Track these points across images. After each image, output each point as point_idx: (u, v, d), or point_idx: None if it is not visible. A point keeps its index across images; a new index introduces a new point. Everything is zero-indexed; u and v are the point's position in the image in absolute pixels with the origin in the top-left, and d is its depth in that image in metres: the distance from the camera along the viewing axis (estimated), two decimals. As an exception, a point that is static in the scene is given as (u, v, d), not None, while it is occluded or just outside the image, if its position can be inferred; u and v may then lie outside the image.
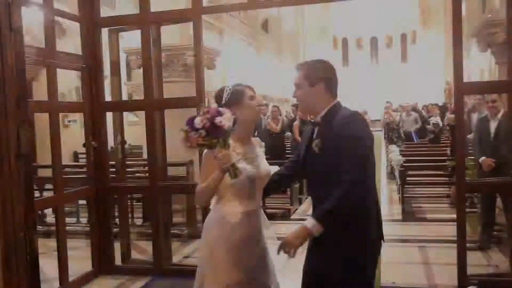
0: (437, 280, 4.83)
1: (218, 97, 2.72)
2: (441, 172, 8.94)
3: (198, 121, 2.35)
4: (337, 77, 2.67)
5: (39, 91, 9.01)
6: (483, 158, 5.53)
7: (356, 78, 34.61)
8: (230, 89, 2.70)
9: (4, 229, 2.68)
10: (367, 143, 2.49)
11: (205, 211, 5.10)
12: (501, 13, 6.02)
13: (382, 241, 2.67)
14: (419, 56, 35.30)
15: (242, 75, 22.58)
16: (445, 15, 32.21)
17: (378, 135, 24.58)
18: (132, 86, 11.33)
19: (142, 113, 12.54)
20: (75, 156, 12.08)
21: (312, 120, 2.68)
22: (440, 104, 18.67)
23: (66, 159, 9.79)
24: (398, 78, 34.92)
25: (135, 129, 9.54)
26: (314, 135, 2.63)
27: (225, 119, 2.36)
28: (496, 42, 5.79)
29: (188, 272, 5.23)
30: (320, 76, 2.59)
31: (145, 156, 10.96)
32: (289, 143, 10.20)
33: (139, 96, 10.47)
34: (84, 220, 7.87)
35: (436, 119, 12.11)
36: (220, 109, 2.42)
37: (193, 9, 4.93)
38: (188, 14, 5.09)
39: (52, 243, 5.12)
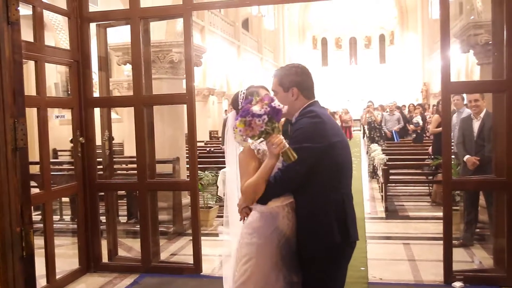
0: (423, 276, 4.91)
1: (235, 102, 2.87)
2: (422, 171, 9.12)
3: (257, 108, 2.40)
4: (312, 79, 2.80)
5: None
6: (467, 156, 5.65)
7: (335, 77, 34.96)
8: (244, 92, 2.86)
9: (1, 224, 2.64)
10: (312, 142, 2.54)
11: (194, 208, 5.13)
12: (484, 15, 6.15)
13: (352, 243, 2.71)
14: (397, 57, 35.82)
15: (223, 73, 22.58)
16: (422, 17, 32.80)
17: (356, 135, 24.97)
18: (113, 83, 11.23)
19: (122, 110, 12.45)
20: (54, 153, 11.88)
21: (291, 122, 2.80)
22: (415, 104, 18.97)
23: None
24: (377, 79, 35.38)
25: (116, 126, 9.46)
26: None
27: (278, 102, 2.45)
28: (479, 44, 5.90)
29: (175, 270, 5.28)
30: (292, 80, 2.72)
31: (126, 153, 10.95)
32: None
33: (120, 93, 10.39)
34: (67, 217, 7.79)
35: (417, 119, 12.35)
36: (270, 95, 2.51)
37: (184, 5, 4.91)
38: (178, 10, 5.07)
39: (38, 240, 5.04)
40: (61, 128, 11.29)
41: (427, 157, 8.81)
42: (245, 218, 2.81)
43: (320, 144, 2.55)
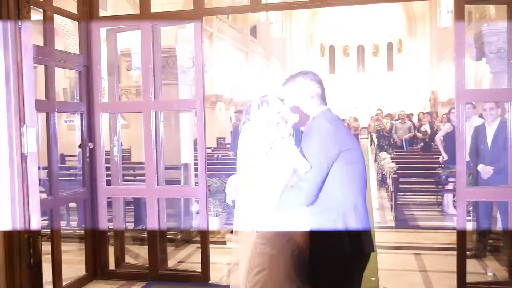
0: (436, 287, 4.82)
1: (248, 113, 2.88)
2: (432, 180, 9.01)
3: None
4: (322, 85, 2.75)
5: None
6: (482, 165, 5.55)
7: (342, 85, 34.85)
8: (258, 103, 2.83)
9: (9, 231, 2.59)
10: (322, 151, 2.50)
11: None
12: (498, 22, 6.08)
13: (367, 255, 2.65)
14: (405, 65, 35.68)
15: (230, 80, 22.58)
16: (430, 25, 32.70)
17: (364, 143, 24.88)
18: (122, 89, 11.24)
19: (129, 116, 12.50)
20: (61, 158, 11.89)
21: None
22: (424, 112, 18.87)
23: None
24: (384, 87, 35.23)
25: (123, 132, 9.45)
26: None
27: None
28: (493, 51, 5.82)
29: (183, 278, 5.21)
30: (303, 88, 2.71)
31: (134, 159, 10.92)
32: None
33: (128, 98, 10.40)
34: (74, 223, 7.75)
35: (425, 127, 12.26)
36: None
37: (195, 10, 4.87)
38: (189, 15, 5.03)
39: (45, 246, 4.99)
40: (69, 133, 11.31)
41: (437, 166, 8.70)
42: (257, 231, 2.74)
43: (332, 152, 2.49)
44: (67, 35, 9.82)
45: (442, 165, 8.18)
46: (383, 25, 35.92)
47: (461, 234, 4.51)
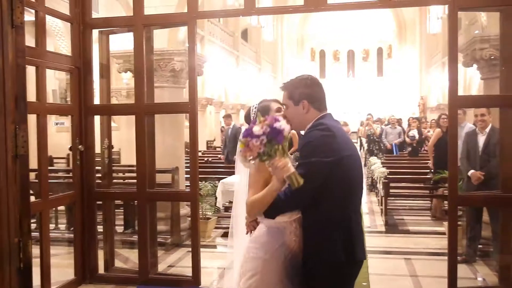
0: (427, 292, 4.84)
1: (247, 117, 2.87)
2: (422, 185, 9.05)
3: (257, 129, 2.32)
4: (322, 90, 2.71)
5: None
6: (472, 171, 5.59)
7: (332, 90, 34.91)
8: (256, 107, 2.85)
9: (-1, 234, 2.54)
10: (322, 156, 2.44)
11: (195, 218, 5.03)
12: (488, 29, 6.13)
13: (359, 261, 2.62)
14: (395, 70, 35.91)
15: (221, 83, 22.56)
16: (420, 31, 32.97)
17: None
18: (112, 91, 11.15)
19: (119, 119, 12.41)
20: (50, 161, 11.75)
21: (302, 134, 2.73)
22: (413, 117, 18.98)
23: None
24: (374, 91, 35.41)
25: (113, 134, 9.39)
26: None
27: (283, 124, 2.34)
28: (484, 58, 5.86)
29: (173, 282, 5.16)
30: (302, 93, 2.64)
31: (123, 161, 10.84)
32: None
33: (119, 101, 10.30)
34: (62, 226, 7.67)
35: (413, 132, 12.34)
36: (276, 116, 2.41)
37: (189, 13, 4.85)
38: (183, 18, 5.01)
39: (33, 249, 4.92)
40: (58, 136, 11.21)
41: (428, 171, 8.74)
42: (252, 231, 2.73)
43: (329, 158, 2.44)
44: (57, 36, 9.73)
45: (432, 170, 8.21)
46: (374, 30, 36.15)
47: (453, 239, 4.52)
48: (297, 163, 2.61)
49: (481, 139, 5.61)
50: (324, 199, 2.48)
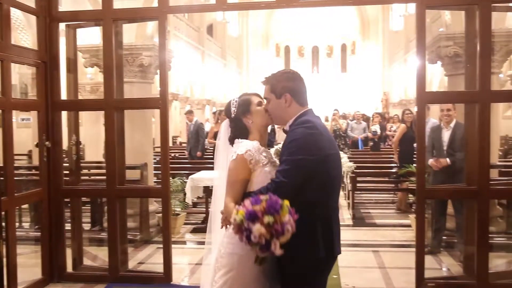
0: (395, 283, 4.95)
1: (227, 111, 2.78)
2: (387, 179, 9.26)
3: (256, 233, 2.20)
4: (304, 84, 2.72)
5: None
6: (431, 160, 5.74)
7: (297, 85, 35.10)
8: (236, 101, 2.77)
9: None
10: (307, 154, 2.44)
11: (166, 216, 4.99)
12: (453, 27, 6.30)
13: (334, 257, 2.66)
14: (358, 66, 36.44)
15: (186, 79, 22.38)
16: (382, 28, 33.61)
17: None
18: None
19: (81, 114, 12.18)
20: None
21: (285, 129, 2.70)
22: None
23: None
24: (338, 87, 35.85)
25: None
26: None
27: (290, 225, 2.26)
28: (449, 55, 6.03)
29: (145, 279, 5.12)
30: (284, 86, 2.63)
31: (87, 158, 10.63)
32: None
33: (82, 96, 10.08)
34: (26, 224, 7.47)
35: (375, 127, 12.63)
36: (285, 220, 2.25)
37: (159, 8, 4.79)
38: (153, 13, 4.95)
39: (-1, 249, 4.79)
40: (18, 132, 10.85)
41: (392, 165, 8.94)
42: (227, 226, 2.72)
43: (315, 156, 2.46)
44: (18, 29, 9.42)
45: (398, 165, 8.41)
46: (338, 26, 36.54)
47: (420, 231, 4.65)
48: (278, 157, 2.63)
49: (446, 134, 5.77)
50: (306, 196, 2.48)
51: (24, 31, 9.44)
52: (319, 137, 2.51)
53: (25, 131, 10.44)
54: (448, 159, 5.67)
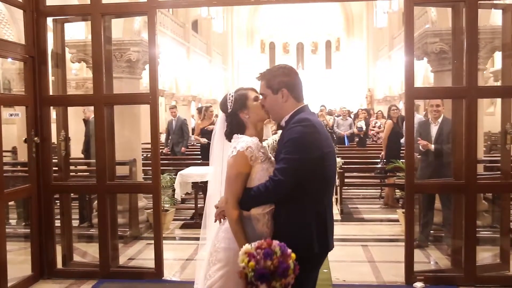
0: (385, 277, 5.01)
1: (224, 106, 2.73)
2: (374, 174, 9.34)
3: None
4: (299, 79, 2.69)
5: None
6: (419, 140, 5.83)
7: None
8: (232, 96, 2.72)
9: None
10: (306, 153, 2.46)
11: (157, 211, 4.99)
12: (439, 24, 6.38)
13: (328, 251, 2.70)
14: (343, 63, 36.61)
15: (172, 75, 22.25)
16: (367, 25, 33.80)
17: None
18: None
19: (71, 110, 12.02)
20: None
21: (281, 125, 2.70)
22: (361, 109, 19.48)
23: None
24: (323, 84, 35.96)
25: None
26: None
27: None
28: (435, 52, 6.10)
29: (136, 274, 5.11)
30: (280, 81, 2.61)
31: (73, 154, 10.51)
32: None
33: (69, 92, 9.99)
34: (13, 221, 7.39)
35: (360, 123, 12.74)
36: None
37: (149, 3, 4.77)
38: (142, 8, 4.93)
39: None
40: (3, 127, 10.65)
41: (379, 160, 9.02)
42: (221, 219, 2.72)
43: (313, 155, 2.47)
44: (2, 23, 9.28)
45: (385, 160, 8.49)
46: (322, 23, 36.65)
47: (410, 226, 4.71)
48: (275, 154, 2.64)
49: (434, 129, 5.86)
50: (303, 193, 2.50)
51: (8, 25, 9.31)
52: (316, 136, 2.51)
53: (10, 127, 10.31)
54: (432, 146, 5.76)
